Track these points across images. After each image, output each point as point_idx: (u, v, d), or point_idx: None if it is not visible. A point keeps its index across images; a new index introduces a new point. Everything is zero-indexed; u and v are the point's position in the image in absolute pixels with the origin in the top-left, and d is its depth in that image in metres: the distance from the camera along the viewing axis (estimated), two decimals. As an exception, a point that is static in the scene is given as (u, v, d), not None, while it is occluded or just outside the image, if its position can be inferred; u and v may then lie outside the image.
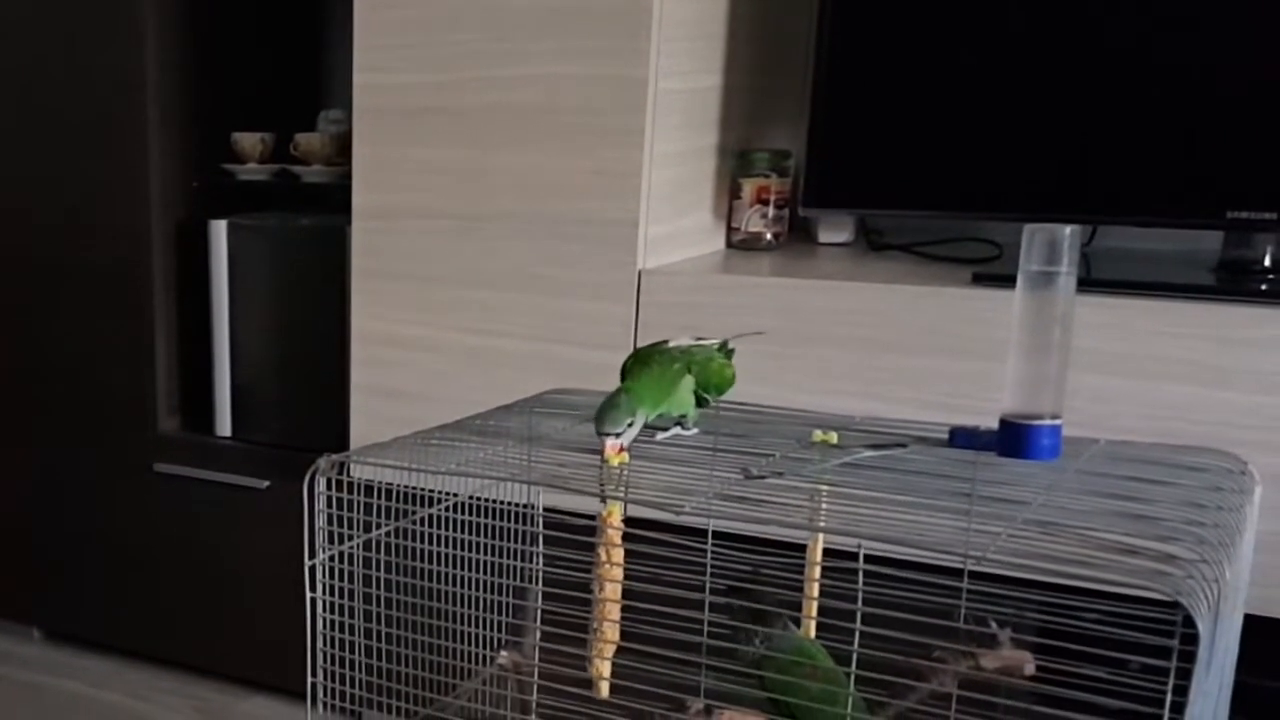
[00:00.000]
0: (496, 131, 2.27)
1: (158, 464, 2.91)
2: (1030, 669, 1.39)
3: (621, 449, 1.36)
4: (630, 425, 1.37)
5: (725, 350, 1.54)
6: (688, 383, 1.45)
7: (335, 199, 2.58)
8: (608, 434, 1.36)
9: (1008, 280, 1.38)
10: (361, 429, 2.47)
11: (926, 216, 2.32)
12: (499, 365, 2.31)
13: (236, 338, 2.82)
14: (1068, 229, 1.27)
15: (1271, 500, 1.51)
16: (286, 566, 1.71)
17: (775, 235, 2.40)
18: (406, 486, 1.44)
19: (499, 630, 1.63)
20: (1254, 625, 1.51)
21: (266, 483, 2.77)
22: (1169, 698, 1.06)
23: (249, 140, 2.85)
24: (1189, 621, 1.03)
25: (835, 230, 2.49)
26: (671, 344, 1.49)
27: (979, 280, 1.99)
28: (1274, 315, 1.78)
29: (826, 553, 1.50)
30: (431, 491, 1.48)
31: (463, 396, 2.14)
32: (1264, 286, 1.89)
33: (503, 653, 1.65)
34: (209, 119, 2.86)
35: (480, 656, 1.63)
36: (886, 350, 2.00)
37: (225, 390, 2.85)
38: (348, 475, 1.41)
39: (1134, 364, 1.84)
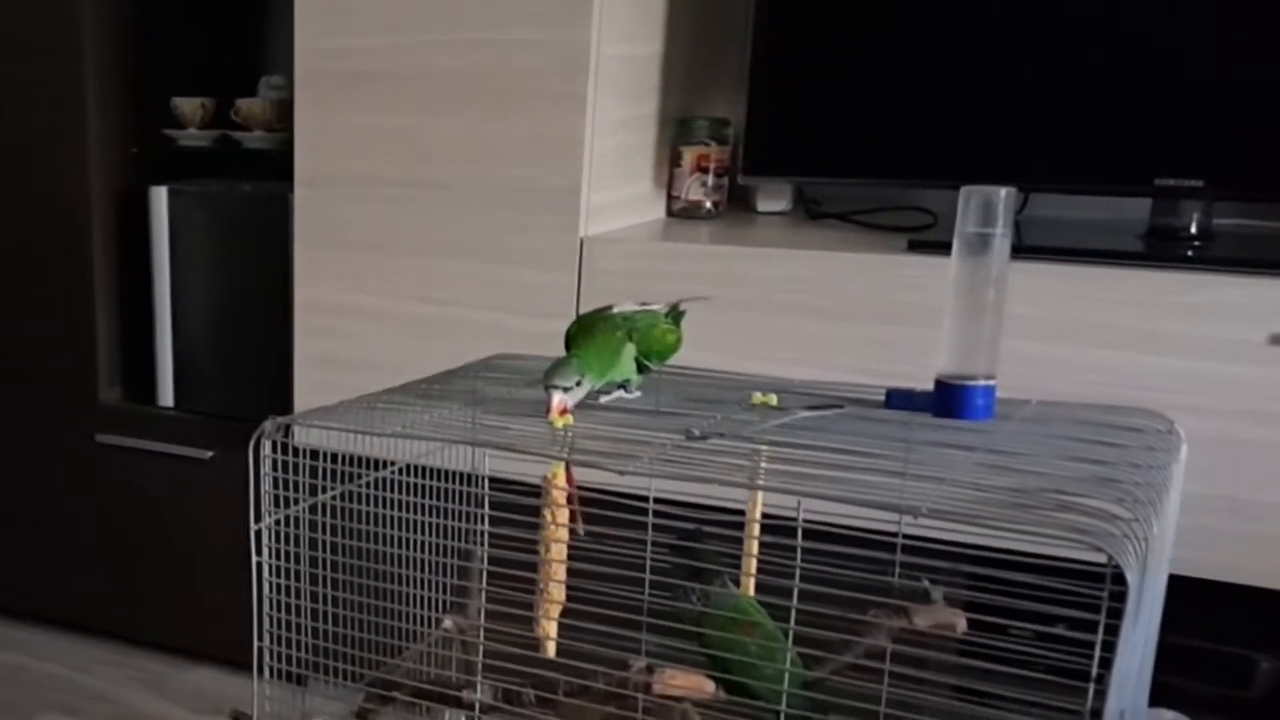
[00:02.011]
0: (440, 97, 2.28)
1: (99, 435, 2.89)
2: (962, 626, 1.42)
3: (565, 409, 1.37)
4: (578, 384, 1.39)
5: (675, 314, 1.56)
6: (629, 350, 1.47)
7: (277, 165, 2.57)
8: (555, 386, 1.38)
9: (942, 247, 1.40)
10: (305, 398, 2.47)
11: (864, 184, 2.35)
12: (442, 334, 2.32)
13: (178, 307, 2.80)
14: (1003, 190, 1.30)
15: (1197, 463, 1.55)
16: (230, 537, 1.71)
17: (715, 204, 2.43)
18: (352, 451, 1.46)
19: (445, 593, 1.65)
20: (1178, 585, 1.55)
21: (210, 453, 2.77)
22: (1098, 647, 1.09)
23: (189, 105, 2.83)
24: (1117, 578, 1.06)
25: (773, 199, 2.51)
26: (615, 310, 1.51)
27: (914, 248, 2.02)
28: (1200, 281, 1.82)
29: (766, 520, 1.53)
30: (377, 457, 1.49)
31: (407, 365, 2.13)
32: (1190, 253, 1.93)
33: (447, 618, 1.66)
34: (148, 83, 2.83)
35: (426, 619, 1.65)
36: (823, 317, 2.02)
37: (167, 360, 2.83)
38: (293, 440, 1.42)
39: (1064, 330, 1.88)
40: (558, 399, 1.37)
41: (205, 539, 2.78)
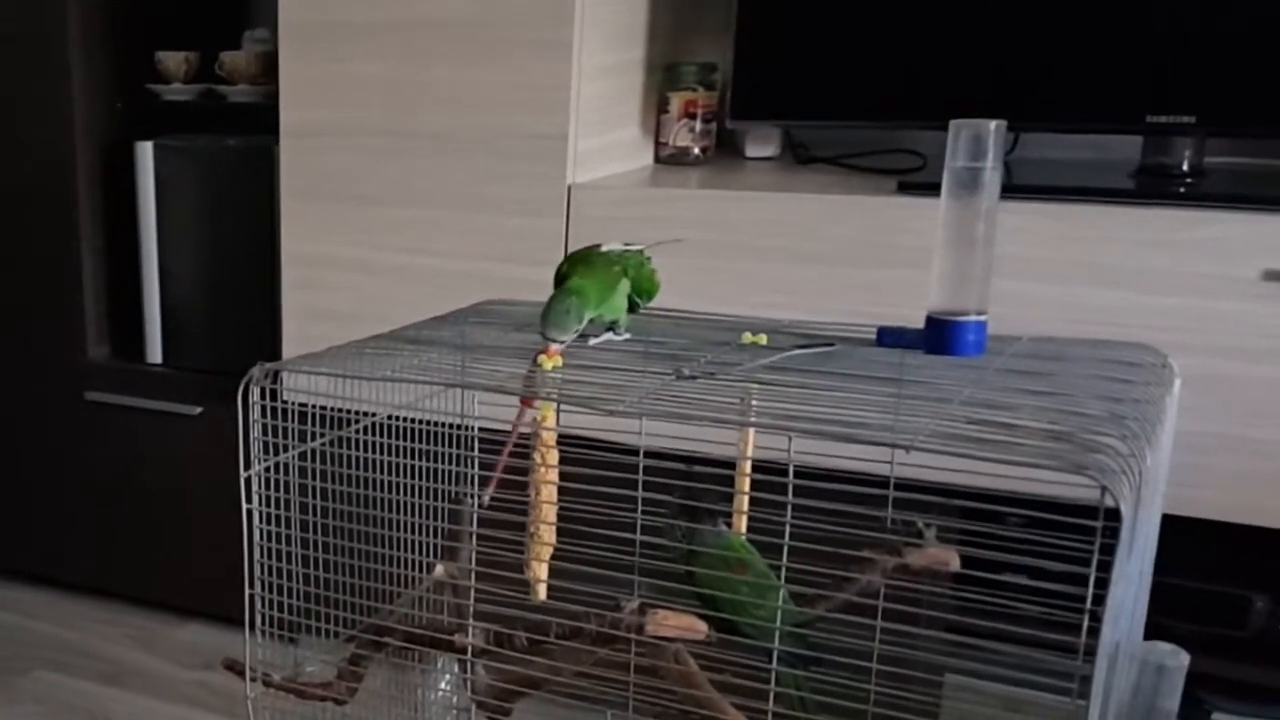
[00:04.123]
0: (424, 46, 2.26)
1: (88, 392, 2.89)
2: (955, 565, 1.42)
3: (559, 353, 1.37)
4: (575, 331, 1.39)
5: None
6: (624, 287, 1.47)
7: (262, 119, 2.56)
8: (554, 340, 1.37)
9: (932, 189, 1.40)
10: (294, 351, 2.46)
11: (852, 126, 2.34)
12: (430, 284, 2.31)
13: (166, 262, 2.79)
14: (993, 124, 1.29)
15: (1190, 401, 1.55)
16: (221, 493, 1.71)
17: (703, 149, 2.42)
18: (341, 398, 1.45)
19: (436, 537, 1.64)
20: (1172, 525, 1.55)
21: (199, 409, 2.76)
22: (1092, 580, 1.09)
23: (173, 59, 2.82)
24: (1111, 512, 1.06)
25: (762, 144, 2.51)
26: (605, 248, 1.51)
27: (904, 189, 2.02)
28: (1192, 218, 1.82)
29: (757, 460, 1.53)
30: (365, 402, 1.48)
31: (395, 317, 2.12)
32: (1182, 190, 1.93)
33: (439, 565, 1.66)
34: (132, 37, 2.81)
35: (418, 565, 1.65)
36: (814, 261, 2.02)
37: (155, 316, 2.83)
38: (281, 388, 1.41)
39: (1056, 269, 1.88)
40: (555, 349, 1.37)
41: (196, 495, 2.78)
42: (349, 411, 1.50)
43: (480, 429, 1.63)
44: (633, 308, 1.49)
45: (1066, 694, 1.11)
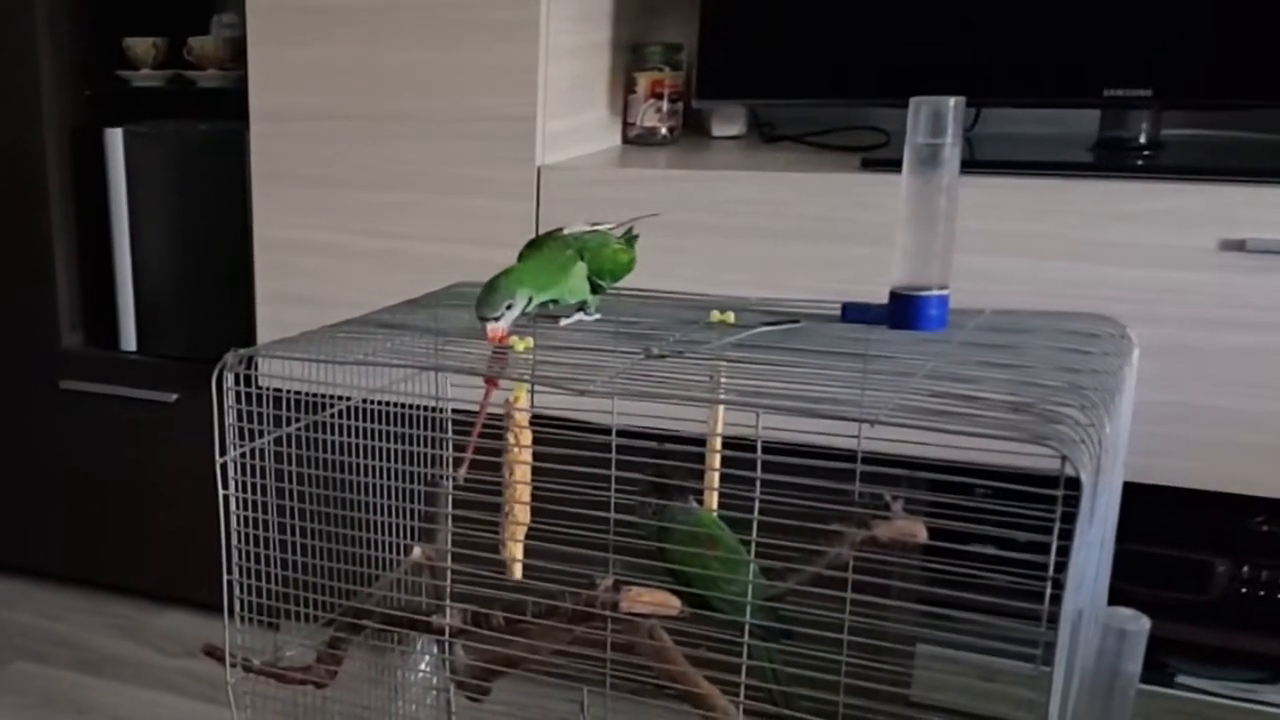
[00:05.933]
0: (393, 28, 2.27)
1: (63, 381, 2.88)
2: (923, 536, 1.44)
3: (503, 334, 1.39)
4: (509, 308, 1.39)
5: (629, 236, 1.57)
6: (580, 269, 1.48)
7: (232, 104, 2.55)
8: (485, 319, 1.39)
9: (896, 165, 1.41)
10: (268, 337, 2.46)
11: (816, 104, 2.36)
12: (403, 268, 2.32)
13: (138, 249, 2.79)
14: (952, 100, 1.31)
15: (1151, 371, 1.57)
16: (198, 480, 1.71)
17: (670, 129, 2.43)
18: (315, 383, 1.46)
19: (413, 519, 1.66)
20: (1135, 493, 1.57)
21: (175, 396, 2.77)
22: (1053, 549, 1.11)
23: (141, 45, 2.80)
24: (1072, 483, 1.08)
25: (728, 123, 2.52)
26: (566, 231, 1.52)
27: (868, 165, 2.04)
28: (1150, 190, 1.84)
29: (726, 436, 1.54)
30: (340, 386, 1.50)
31: (368, 301, 2.12)
32: (1140, 162, 1.95)
33: (416, 547, 1.67)
34: (99, 24, 2.80)
35: (395, 548, 1.66)
36: (781, 238, 2.04)
37: (129, 303, 2.82)
38: (256, 373, 1.42)
39: (1017, 242, 1.89)
40: (491, 328, 1.39)
41: (172, 482, 2.78)
42: (324, 396, 1.51)
43: (454, 411, 1.64)
44: (596, 289, 1.51)
45: (1031, 660, 1.12)
